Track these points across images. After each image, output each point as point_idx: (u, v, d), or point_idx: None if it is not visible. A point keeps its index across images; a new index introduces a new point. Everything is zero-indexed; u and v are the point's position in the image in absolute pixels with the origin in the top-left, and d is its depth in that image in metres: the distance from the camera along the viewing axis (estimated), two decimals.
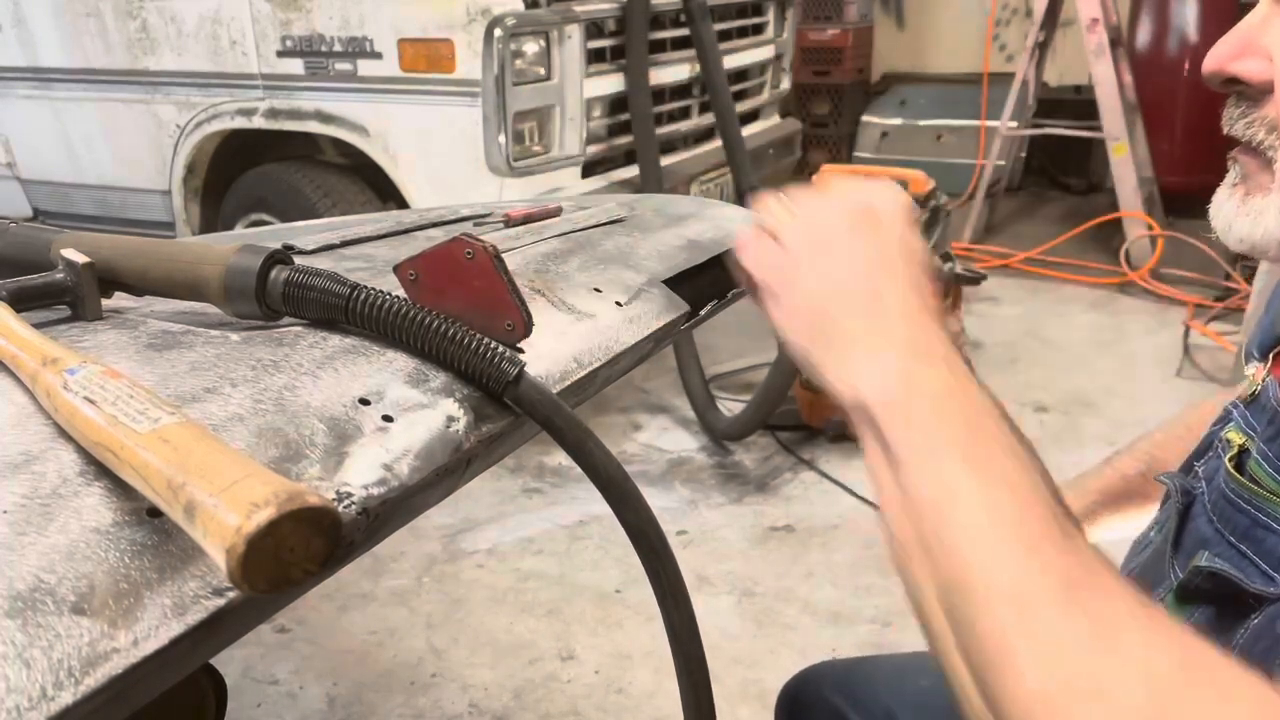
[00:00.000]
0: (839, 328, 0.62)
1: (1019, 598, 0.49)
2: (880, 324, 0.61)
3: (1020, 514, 0.52)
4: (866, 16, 6.55)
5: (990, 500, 0.52)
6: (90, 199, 3.85)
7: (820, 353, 0.62)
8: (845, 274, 0.63)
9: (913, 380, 0.58)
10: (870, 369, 0.59)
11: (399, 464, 0.56)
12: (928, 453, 0.55)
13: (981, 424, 0.56)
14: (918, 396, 0.57)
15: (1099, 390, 3.57)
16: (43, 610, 0.41)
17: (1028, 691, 0.47)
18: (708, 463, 3.21)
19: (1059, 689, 0.46)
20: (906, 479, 0.55)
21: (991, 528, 0.51)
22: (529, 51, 2.91)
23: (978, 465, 0.54)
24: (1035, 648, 0.47)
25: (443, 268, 0.66)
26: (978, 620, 0.50)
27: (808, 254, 0.65)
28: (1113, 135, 4.62)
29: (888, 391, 0.58)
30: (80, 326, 0.66)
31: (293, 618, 2.48)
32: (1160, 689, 0.45)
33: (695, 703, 0.68)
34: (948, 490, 0.53)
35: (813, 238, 0.66)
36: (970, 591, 0.50)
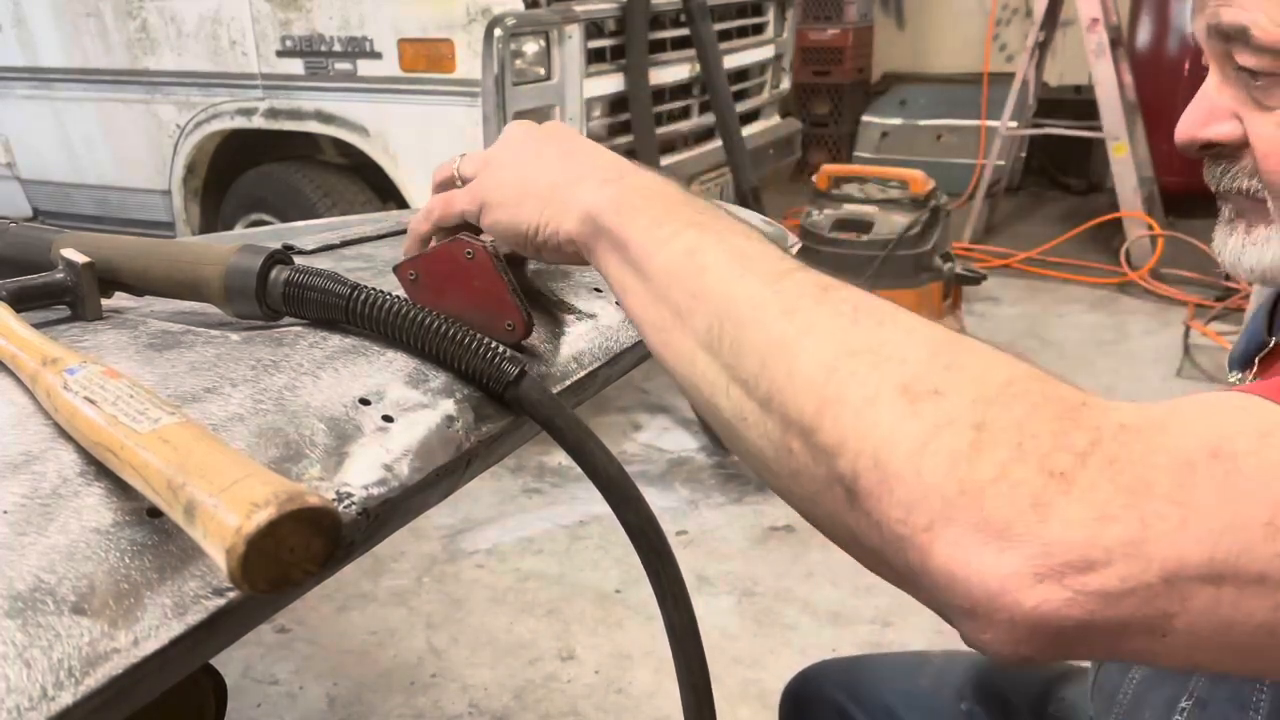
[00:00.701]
0: (547, 185, 0.65)
1: (784, 305, 0.52)
2: (584, 164, 0.66)
3: (762, 252, 0.56)
4: (866, 16, 6.55)
5: (732, 247, 0.57)
6: (90, 199, 3.85)
7: (542, 213, 0.65)
8: (532, 152, 0.68)
9: (629, 183, 0.63)
10: (589, 190, 0.63)
11: (399, 464, 0.56)
12: (661, 233, 0.59)
13: (696, 203, 0.61)
14: (637, 193, 0.62)
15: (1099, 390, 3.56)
16: (43, 610, 0.41)
17: (810, 367, 0.49)
18: (708, 463, 3.21)
19: (835, 356, 0.49)
20: (648, 263, 0.58)
21: (742, 264, 0.55)
22: (529, 51, 2.91)
23: (708, 228, 0.58)
24: (808, 336, 0.50)
25: (443, 268, 0.66)
26: (748, 338, 0.52)
27: (499, 162, 0.69)
28: (1113, 135, 4.63)
29: (611, 198, 0.62)
30: (80, 326, 0.66)
31: (293, 618, 2.48)
32: (937, 343, 0.49)
33: (695, 703, 0.68)
34: (690, 254, 0.57)
35: (489, 154, 0.70)
36: (735, 316, 0.53)
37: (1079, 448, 0.43)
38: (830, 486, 0.48)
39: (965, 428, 0.44)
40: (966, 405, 0.45)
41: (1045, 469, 0.42)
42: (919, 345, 0.49)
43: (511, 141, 0.70)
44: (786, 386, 0.50)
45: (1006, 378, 0.46)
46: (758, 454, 0.53)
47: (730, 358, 0.53)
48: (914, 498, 0.44)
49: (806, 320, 0.51)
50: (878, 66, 6.79)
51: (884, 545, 0.46)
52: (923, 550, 0.44)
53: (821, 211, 3.47)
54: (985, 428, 0.44)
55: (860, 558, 0.49)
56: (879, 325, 0.50)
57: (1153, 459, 0.43)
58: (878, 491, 0.45)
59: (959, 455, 0.44)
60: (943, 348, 0.48)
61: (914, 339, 0.49)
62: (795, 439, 0.49)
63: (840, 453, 0.47)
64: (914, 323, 0.50)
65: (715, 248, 0.57)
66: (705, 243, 0.57)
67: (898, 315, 0.51)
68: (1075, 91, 5.85)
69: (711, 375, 0.54)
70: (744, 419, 0.53)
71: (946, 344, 0.49)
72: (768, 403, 0.51)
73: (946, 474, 0.43)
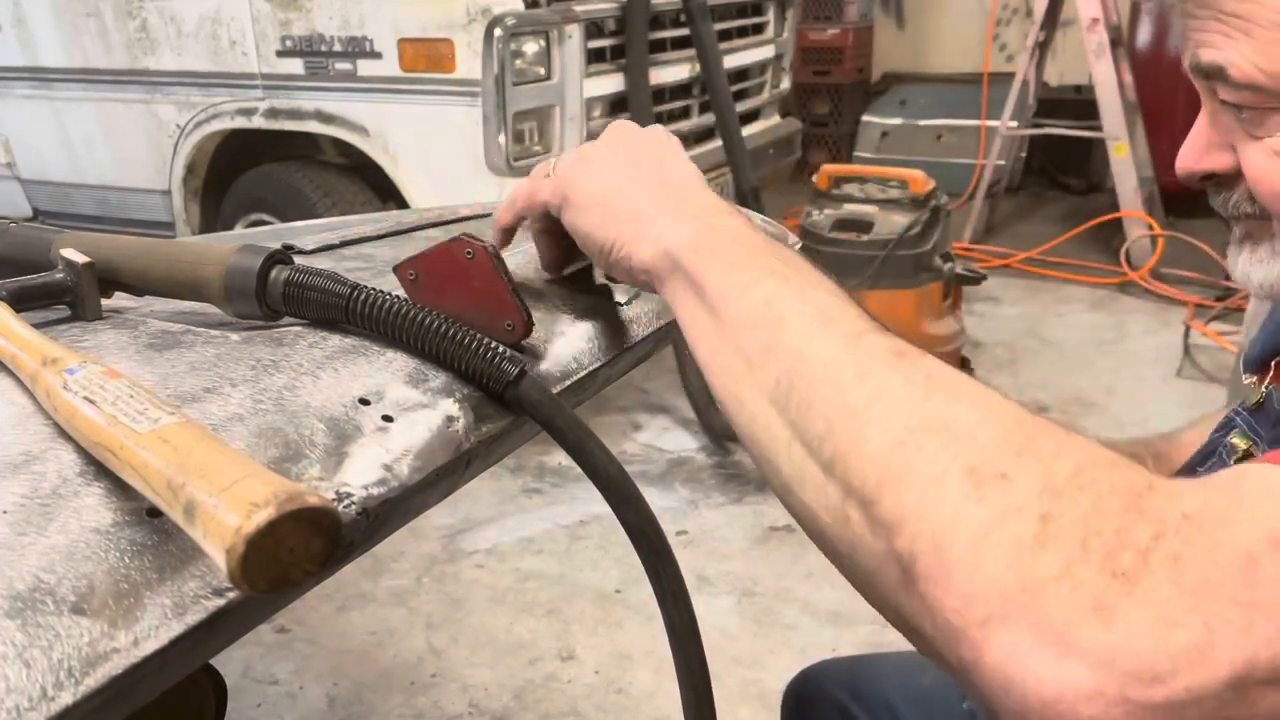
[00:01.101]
0: (636, 208, 0.65)
1: (854, 366, 0.51)
2: (673, 197, 0.65)
3: (840, 309, 0.55)
4: (866, 16, 6.54)
5: (810, 301, 0.56)
6: (90, 199, 3.85)
7: (621, 233, 0.65)
8: (626, 165, 0.67)
9: (714, 224, 0.62)
10: (673, 226, 0.62)
11: (399, 464, 0.56)
12: (740, 279, 0.58)
13: (780, 252, 0.60)
14: (722, 235, 0.61)
15: (1099, 390, 3.57)
16: (43, 610, 0.41)
17: (877, 440, 0.48)
18: (708, 463, 3.21)
19: (904, 430, 0.47)
20: (724, 309, 0.57)
21: (818, 321, 0.54)
22: (529, 51, 2.91)
23: (789, 279, 0.57)
24: (879, 403, 0.49)
25: (443, 268, 0.66)
26: (817, 398, 0.51)
27: (591, 162, 0.68)
28: (1113, 135, 4.63)
29: (693, 237, 0.61)
30: (80, 326, 0.66)
31: (293, 618, 2.48)
32: (1009, 423, 0.47)
33: (695, 703, 0.68)
34: (767, 304, 0.56)
35: (587, 150, 0.69)
36: (807, 374, 0.52)
37: (1142, 544, 0.41)
38: (886, 563, 0.46)
39: (1030, 519, 0.43)
40: (1034, 494, 0.43)
41: (1109, 568, 0.41)
42: (991, 425, 0.47)
43: (611, 145, 0.69)
44: (851, 453, 0.49)
45: (1075, 466, 0.45)
46: (813, 518, 0.51)
47: (796, 416, 0.52)
48: (972, 589, 0.42)
49: (878, 387, 0.50)
50: (878, 66, 6.79)
51: (936, 633, 0.44)
52: (977, 646, 0.42)
53: (821, 211, 3.47)
54: (1051, 520, 0.43)
55: (911, 639, 0.47)
56: (953, 399, 0.49)
57: (1216, 555, 0.41)
58: (934, 576, 0.44)
59: (1022, 548, 0.42)
60: (1015, 430, 0.47)
61: (987, 418, 0.48)
62: (855, 508, 0.48)
63: (899, 530, 0.45)
64: (988, 399, 0.49)
65: (794, 300, 0.56)
66: (785, 294, 0.56)
67: (973, 390, 0.50)
68: (1075, 91, 5.85)
69: (775, 431, 0.53)
70: (803, 481, 0.51)
71: (1019, 426, 0.47)
72: (830, 467, 0.49)
73: (1008, 567, 0.42)
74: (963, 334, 3.52)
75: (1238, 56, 0.61)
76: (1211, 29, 0.62)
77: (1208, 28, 0.62)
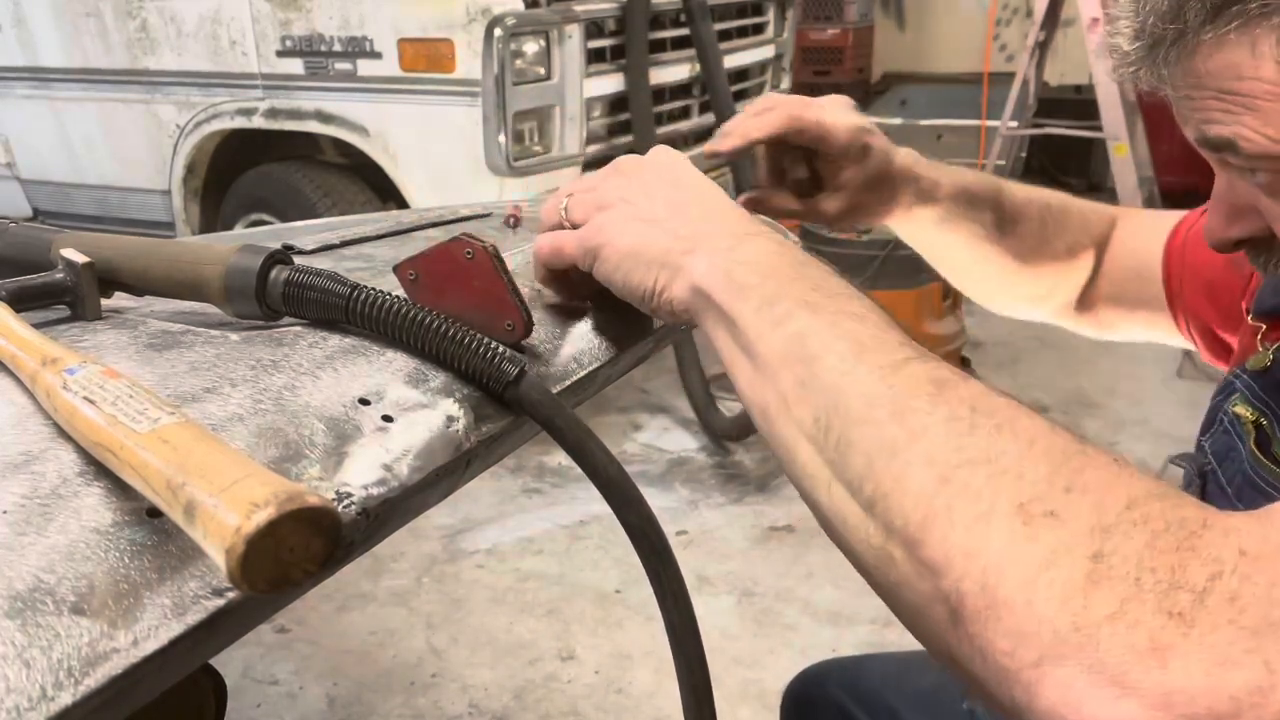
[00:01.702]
0: (660, 249, 0.64)
1: (892, 401, 0.50)
2: (695, 228, 0.64)
3: (874, 338, 0.53)
4: (866, 16, 6.55)
5: (843, 332, 0.54)
6: (90, 199, 3.85)
7: (651, 278, 0.64)
8: (645, 207, 0.66)
9: (739, 254, 0.60)
10: (698, 261, 0.61)
11: (399, 464, 0.56)
12: (771, 314, 0.57)
13: (810, 275, 0.58)
14: (747, 266, 0.59)
15: (1099, 390, 3.57)
16: (42, 610, 0.41)
17: (922, 476, 0.47)
18: (708, 463, 3.21)
19: (949, 465, 0.46)
20: (757, 344, 0.56)
21: (852, 354, 0.53)
22: (529, 51, 2.91)
23: (820, 309, 0.55)
24: (921, 439, 0.48)
25: (443, 268, 0.66)
26: (856, 436, 0.50)
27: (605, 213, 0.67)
28: (1113, 135, 4.62)
29: (719, 270, 0.60)
30: (80, 326, 0.66)
31: (293, 618, 2.48)
32: (1056, 455, 0.46)
33: (695, 703, 0.68)
34: (800, 339, 0.55)
35: (599, 201, 0.68)
36: (843, 412, 0.51)
37: (1199, 584, 0.40)
38: (933, 604, 0.45)
39: (1082, 557, 0.42)
40: (1084, 532, 0.43)
41: (1164, 608, 0.40)
42: (1038, 459, 0.46)
43: (625, 184, 0.68)
44: (893, 492, 0.47)
45: (1127, 500, 0.44)
46: (858, 557, 0.50)
47: (835, 454, 0.51)
48: (1023, 629, 0.42)
49: (920, 423, 0.48)
50: (878, 66, 6.79)
51: (987, 674, 0.43)
52: (1029, 688, 0.41)
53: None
54: (1103, 558, 0.42)
55: (960, 678, 0.46)
56: (996, 432, 0.47)
57: (1275, 593, 0.40)
58: (984, 617, 0.43)
59: (1074, 587, 0.41)
60: (1063, 463, 0.45)
61: (1033, 452, 0.46)
62: (898, 548, 0.47)
63: (946, 571, 0.44)
64: (1034, 430, 0.47)
65: (827, 333, 0.54)
66: (817, 326, 0.55)
67: (1016, 420, 0.48)
68: (1075, 91, 5.84)
69: (814, 469, 0.52)
70: (845, 520, 0.50)
71: (1067, 458, 0.46)
72: (871, 507, 0.48)
73: (1060, 607, 0.41)
74: (963, 334, 3.51)
75: (1246, 130, 0.60)
76: (1212, 106, 0.61)
77: (1206, 105, 0.61)
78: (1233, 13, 0.56)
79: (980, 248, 0.98)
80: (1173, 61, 0.61)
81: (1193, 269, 0.95)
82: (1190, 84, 0.61)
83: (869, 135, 0.87)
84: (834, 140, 0.84)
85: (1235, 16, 0.56)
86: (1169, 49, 0.60)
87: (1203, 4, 0.57)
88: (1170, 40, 0.60)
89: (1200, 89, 0.61)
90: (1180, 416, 3.31)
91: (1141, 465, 0.47)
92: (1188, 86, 0.61)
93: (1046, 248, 1.01)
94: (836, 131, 0.85)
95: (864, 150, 0.86)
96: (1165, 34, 0.60)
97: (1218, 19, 0.57)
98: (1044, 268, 1.03)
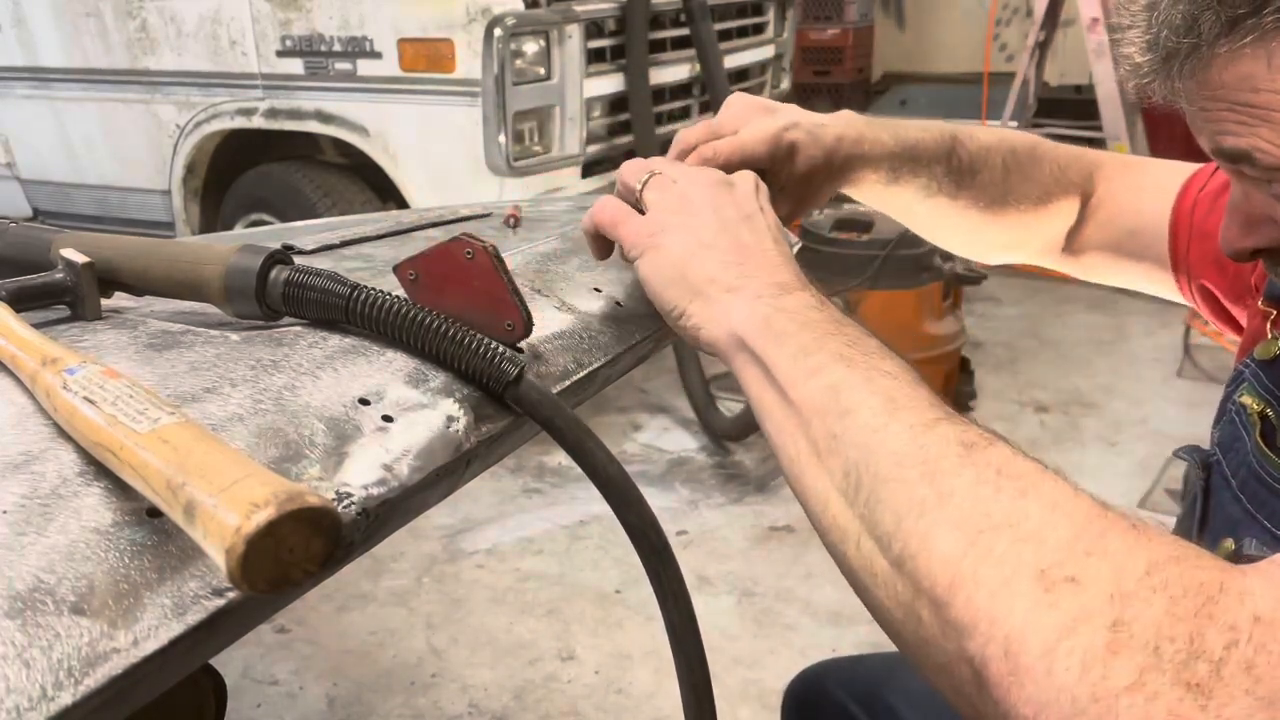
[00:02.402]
0: (708, 277, 0.66)
1: (922, 461, 0.51)
2: (745, 269, 0.65)
3: (907, 396, 0.55)
4: (866, 16, 6.55)
5: (877, 388, 0.56)
6: (90, 199, 3.85)
7: (691, 303, 0.66)
8: (710, 231, 0.68)
9: (781, 305, 0.63)
10: (741, 306, 0.63)
11: (399, 464, 0.56)
12: (808, 363, 0.59)
13: (847, 331, 0.61)
14: (788, 318, 0.62)
15: (1099, 390, 3.57)
16: (43, 610, 0.41)
17: (947, 541, 0.48)
18: (708, 463, 3.21)
19: (973, 529, 0.48)
20: (792, 393, 0.58)
21: (884, 411, 0.54)
22: (529, 51, 2.91)
23: (855, 364, 0.57)
24: (948, 502, 0.49)
25: (443, 268, 0.66)
26: (885, 494, 0.51)
27: (673, 216, 0.69)
28: (1113, 135, 4.63)
29: (760, 319, 0.62)
30: (80, 326, 0.66)
31: (293, 618, 2.48)
32: (1079, 520, 0.47)
33: (695, 703, 0.68)
34: (834, 391, 0.56)
35: (675, 203, 0.70)
36: (874, 469, 0.53)
37: (1215, 654, 0.41)
38: (958, 663, 0.47)
39: (1101, 626, 0.43)
40: (1104, 599, 0.44)
41: (1182, 679, 0.41)
42: (1060, 524, 0.47)
43: (698, 196, 0.70)
44: (921, 553, 0.49)
45: (1146, 565, 0.45)
46: (884, 613, 0.52)
47: (865, 509, 0.52)
48: (1045, 698, 0.43)
49: (948, 485, 0.50)
50: (878, 66, 6.79)
51: None
52: None
53: (822, 211, 3.47)
54: (1122, 626, 0.43)
55: None
56: (1020, 495, 0.49)
57: None
58: (1007, 683, 0.44)
59: (1094, 656, 0.42)
60: (1085, 528, 0.47)
61: (1056, 515, 0.47)
62: (926, 608, 0.48)
63: (971, 634, 0.46)
64: (1057, 493, 0.49)
65: (862, 388, 0.56)
66: (852, 381, 0.56)
67: (1041, 484, 0.49)
68: (1075, 91, 5.85)
69: (844, 522, 0.54)
70: (873, 575, 0.52)
71: (1089, 522, 0.47)
72: (900, 565, 0.50)
73: (1080, 677, 0.42)
74: (963, 334, 3.52)
75: (1262, 142, 0.59)
76: (1227, 118, 0.60)
77: (1222, 118, 0.60)
78: (1248, 26, 0.55)
79: (934, 202, 0.95)
80: (1187, 75, 0.60)
81: (1201, 233, 0.93)
82: (1205, 96, 0.60)
83: (789, 132, 0.83)
84: (757, 158, 0.81)
85: (1251, 30, 0.55)
86: (1183, 62, 0.60)
87: (1218, 17, 0.56)
88: (1185, 54, 0.59)
89: (1215, 101, 0.60)
90: (1180, 416, 3.31)
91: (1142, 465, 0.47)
92: (1202, 99, 0.61)
93: (1012, 196, 0.98)
94: (755, 148, 0.81)
95: (790, 150, 0.83)
96: (1180, 47, 0.59)
97: (1233, 32, 0.56)
98: (1010, 216, 1.00)
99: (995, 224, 0.99)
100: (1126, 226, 1.00)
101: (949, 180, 0.94)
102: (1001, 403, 3.48)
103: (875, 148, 0.88)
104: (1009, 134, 1.01)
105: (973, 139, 0.96)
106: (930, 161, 0.92)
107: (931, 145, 0.93)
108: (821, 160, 0.85)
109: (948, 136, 0.94)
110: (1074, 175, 1.01)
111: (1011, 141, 0.99)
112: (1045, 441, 3.25)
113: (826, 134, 0.85)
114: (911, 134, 0.92)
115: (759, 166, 0.79)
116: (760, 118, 0.83)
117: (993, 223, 0.99)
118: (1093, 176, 1.02)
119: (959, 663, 0.46)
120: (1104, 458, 3.15)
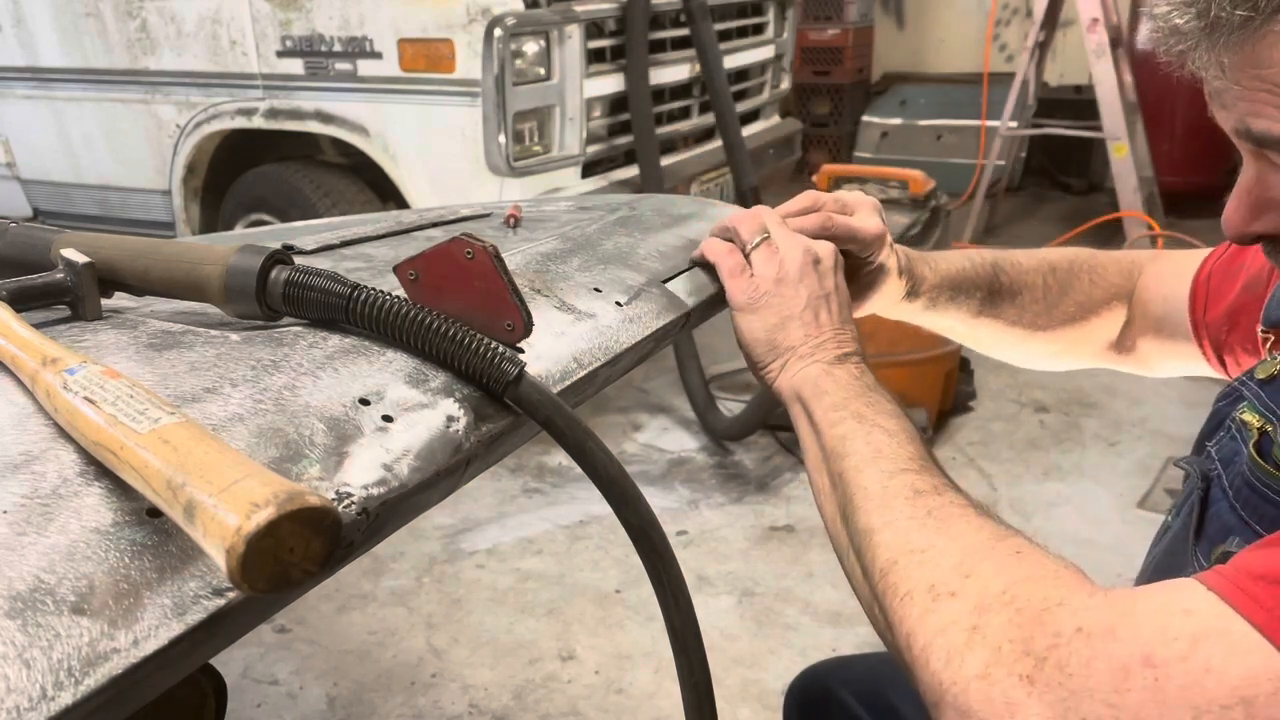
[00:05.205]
0: (789, 342, 0.85)
1: (882, 500, 0.69)
2: (816, 341, 0.84)
3: (892, 449, 0.73)
4: (866, 16, 6.54)
5: (871, 440, 0.74)
6: (90, 199, 3.85)
7: (771, 359, 0.85)
8: (797, 305, 0.85)
9: (833, 371, 0.82)
10: (806, 370, 0.83)
11: (399, 464, 0.56)
12: (834, 416, 0.78)
13: (871, 396, 0.79)
14: (833, 381, 0.81)
15: (1099, 390, 3.57)
16: (43, 610, 0.41)
17: (883, 557, 0.66)
18: (708, 463, 3.21)
19: (898, 552, 0.65)
20: (820, 437, 0.78)
21: (869, 458, 0.72)
22: (529, 51, 2.91)
23: (864, 420, 0.76)
24: (887, 529, 0.67)
25: (443, 268, 0.66)
26: (858, 521, 0.69)
27: (774, 285, 0.86)
28: (1113, 135, 4.62)
29: (816, 384, 0.81)
30: (80, 326, 0.66)
31: (293, 618, 2.48)
32: (972, 550, 0.62)
33: (696, 703, 0.68)
34: (843, 440, 0.75)
35: (776, 272, 0.86)
36: (854, 501, 0.71)
37: (1040, 653, 0.54)
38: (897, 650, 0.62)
39: (964, 629, 0.57)
40: (969, 610, 0.58)
41: (1015, 671, 0.54)
42: (956, 552, 0.62)
43: (792, 276, 0.86)
44: (870, 567, 0.66)
45: (1004, 585, 0.59)
46: (865, 609, 0.69)
47: (850, 531, 0.70)
48: (926, 683, 0.58)
49: (890, 516, 0.67)
50: (878, 66, 6.79)
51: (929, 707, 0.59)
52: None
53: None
54: (978, 630, 0.57)
55: None
56: (937, 530, 0.65)
57: (1095, 664, 0.53)
58: (912, 667, 0.60)
59: (954, 652, 0.57)
60: (972, 555, 0.62)
61: (954, 546, 0.63)
62: (878, 608, 0.65)
63: (896, 630, 0.62)
64: (965, 530, 0.64)
65: (860, 439, 0.74)
66: (856, 433, 0.75)
67: (957, 523, 0.65)
68: (1075, 91, 5.84)
69: (842, 540, 0.72)
70: (858, 580, 0.70)
71: (975, 552, 0.62)
72: (867, 573, 0.67)
73: (943, 666, 0.57)
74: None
75: None
76: (1262, 99, 0.59)
77: (1257, 98, 0.60)
78: None
79: (975, 323, 1.08)
80: (1232, 47, 0.59)
81: (1216, 295, 0.97)
82: (1244, 73, 0.60)
83: (882, 245, 0.97)
84: (859, 243, 0.94)
85: None
86: (1231, 34, 0.59)
87: None
88: (1235, 26, 0.58)
89: (1254, 80, 0.59)
90: (1180, 416, 3.31)
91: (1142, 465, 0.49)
92: (1240, 75, 0.60)
93: (1055, 311, 1.07)
94: (865, 235, 0.94)
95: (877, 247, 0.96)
96: (1232, 19, 0.58)
97: None
98: (1054, 330, 1.08)
99: (1039, 338, 1.09)
100: (1157, 313, 1.05)
101: (987, 304, 1.06)
102: (1001, 403, 3.48)
103: (920, 282, 1.02)
104: (1049, 254, 1.10)
105: (1015, 260, 1.08)
106: (971, 290, 1.05)
107: (973, 275, 1.05)
108: (881, 276, 0.98)
109: (990, 264, 1.06)
110: (1114, 277, 1.08)
111: (1053, 259, 1.09)
112: (1045, 441, 3.25)
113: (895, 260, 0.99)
114: (956, 264, 1.05)
115: (850, 250, 0.94)
116: (874, 215, 0.97)
117: (1036, 337, 1.09)
118: (1132, 274, 1.08)
119: (896, 650, 0.63)
120: (1104, 458, 3.15)
